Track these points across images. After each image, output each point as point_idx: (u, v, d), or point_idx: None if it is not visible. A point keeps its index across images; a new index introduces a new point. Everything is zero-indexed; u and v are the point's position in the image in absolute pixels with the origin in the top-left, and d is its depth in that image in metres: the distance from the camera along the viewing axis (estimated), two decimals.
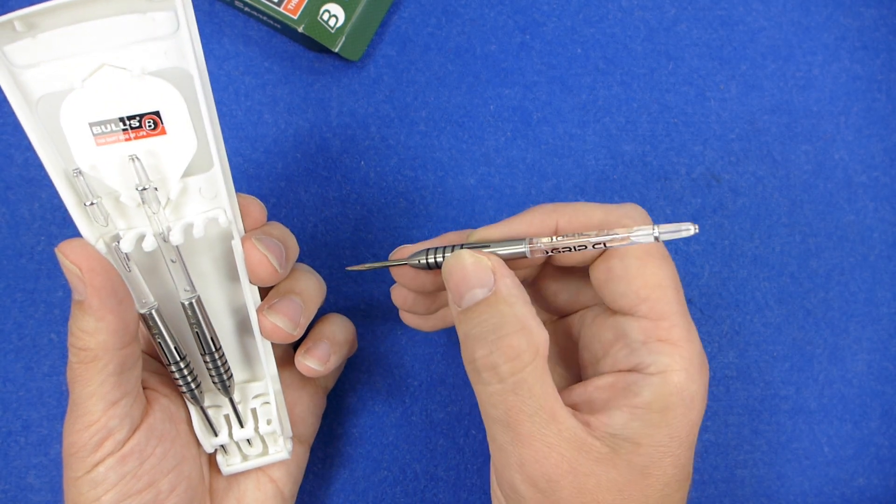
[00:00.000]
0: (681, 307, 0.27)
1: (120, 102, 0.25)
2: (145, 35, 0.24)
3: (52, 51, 0.23)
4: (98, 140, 0.25)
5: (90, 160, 0.25)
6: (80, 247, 0.25)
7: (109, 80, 0.24)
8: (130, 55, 0.24)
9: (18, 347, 0.38)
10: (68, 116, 0.24)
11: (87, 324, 0.25)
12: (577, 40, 0.42)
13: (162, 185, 0.26)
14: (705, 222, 0.42)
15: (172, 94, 0.25)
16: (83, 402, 0.26)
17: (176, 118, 0.25)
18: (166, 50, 0.24)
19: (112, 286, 0.25)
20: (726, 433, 0.40)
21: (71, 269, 0.24)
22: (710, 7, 0.43)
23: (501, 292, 0.25)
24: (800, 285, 0.42)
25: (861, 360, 0.41)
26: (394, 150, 0.41)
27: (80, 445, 0.26)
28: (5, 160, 0.39)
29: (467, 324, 0.25)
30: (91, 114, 0.24)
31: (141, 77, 0.24)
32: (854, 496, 0.41)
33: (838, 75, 0.43)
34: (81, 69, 0.24)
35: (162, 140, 0.25)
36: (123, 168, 0.25)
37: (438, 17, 0.42)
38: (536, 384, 0.24)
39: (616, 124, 0.42)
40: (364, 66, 0.41)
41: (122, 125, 0.25)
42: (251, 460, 0.32)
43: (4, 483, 0.37)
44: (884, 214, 0.42)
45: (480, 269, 0.25)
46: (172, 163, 0.26)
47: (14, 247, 0.38)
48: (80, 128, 0.24)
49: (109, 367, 0.26)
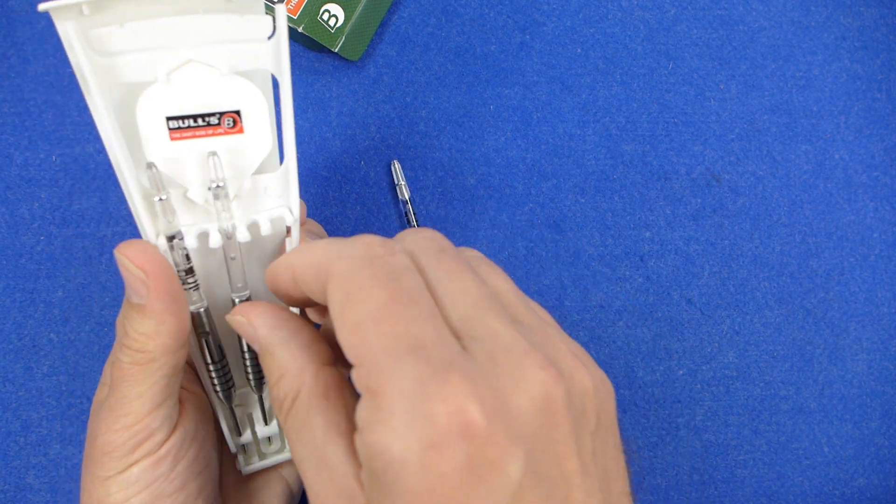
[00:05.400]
0: (383, 341, 0.20)
1: (202, 99, 0.24)
2: (238, 36, 0.24)
3: (138, 41, 0.23)
4: (173, 134, 0.24)
5: (162, 154, 0.25)
6: (143, 249, 0.24)
7: (194, 76, 0.24)
8: (219, 53, 0.24)
9: (18, 347, 0.38)
10: (146, 108, 0.24)
11: (146, 326, 0.24)
12: (577, 40, 0.42)
13: (231, 183, 0.26)
14: (705, 222, 0.42)
15: (255, 95, 0.25)
16: (129, 402, 0.25)
17: (255, 118, 0.25)
18: (257, 52, 0.25)
19: (173, 289, 0.24)
20: (726, 433, 0.40)
21: (134, 273, 0.24)
22: (710, 7, 0.43)
23: (261, 342, 0.24)
24: (800, 285, 0.42)
25: (861, 360, 0.41)
26: (394, 150, 0.41)
27: (116, 445, 0.26)
28: (5, 160, 0.39)
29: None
30: (170, 108, 0.24)
31: (227, 76, 0.25)
32: (854, 496, 0.41)
33: (838, 75, 0.43)
34: (167, 62, 0.24)
35: (239, 138, 0.25)
36: (194, 164, 0.25)
37: (438, 17, 0.42)
38: (302, 430, 0.22)
39: (616, 124, 0.42)
40: (364, 66, 0.41)
41: (202, 121, 0.25)
42: (269, 458, 0.32)
43: (4, 483, 0.37)
44: (884, 214, 0.42)
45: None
46: (246, 161, 0.26)
47: (14, 247, 0.38)
48: (156, 121, 0.24)
49: (164, 370, 0.25)
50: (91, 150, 0.39)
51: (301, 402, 0.23)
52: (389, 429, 0.18)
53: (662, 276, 0.41)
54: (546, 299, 0.40)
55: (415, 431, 0.18)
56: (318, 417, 0.22)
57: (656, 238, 0.41)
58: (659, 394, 0.40)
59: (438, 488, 0.18)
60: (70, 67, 0.24)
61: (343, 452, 0.21)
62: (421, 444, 0.18)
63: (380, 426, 0.19)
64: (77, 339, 0.38)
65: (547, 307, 0.40)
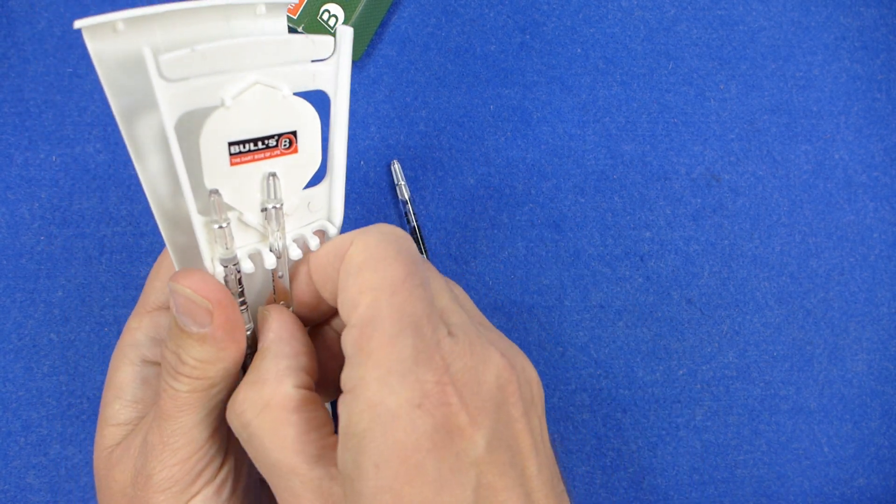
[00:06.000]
0: (393, 311, 0.22)
1: (264, 121, 0.24)
2: (301, 56, 0.24)
3: (207, 65, 0.22)
4: (234, 160, 0.24)
5: (223, 179, 0.24)
6: (203, 279, 0.24)
7: (259, 99, 0.23)
8: (282, 74, 0.24)
9: (18, 347, 0.38)
10: (211, 134, 0.23)
11: (206, 354, 0.24)
12: (577, 40, 0.42)
13: (285, 201, 0.26)
14: (705, 222, 0.42)
15: (311, 115, 0.25)
16: (187, 431, 0.25)
17: (309, 137, 0.25)
18: (315, 73, 0.25)
19: (234, 317, 0.24)
20: (726, 433, 0.40)
21: (199, 303, 0.24)
22: (710, 7, 0.43)
23: (265, 343, 0.25)
24: (800, 285, 0.42)
25: (861, 360, 0.41)
26: (394, 149, 0.41)
27: (176, 479, 0.25)
28: (5, 160, 0.39)
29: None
30: (234, 132, 0.23)
31: (288, 97, 0.24)
32: (854, 496, 0.41)
33: (838, 75, 0.43)
34: (233, 86, 0.23)
35: (293, 158, 0.25)
36: (252, 187, 0.25)
37: (438, 17, 0.42)
38: (266, 437, 0.23)
39: (616, 124, 0.42)
40: (364, 66, 0.41)
41: (262, 144, 0.24)
42: None
43: (4, 483, 0.37)
44: (884, 214, 0.42)
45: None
46: (298, 179, 0.26)
47: (14, 247, 0.38)
48: (219, 146, 0.23)
49: (223, 394, 0.25)
50: (91, 150, 0.39)
51: (271, 411, 0.24)
52: (387, 385, 0.21)
53: (662, 276, 0.41)
54: (546, 299, 0.41)
55: (407, 391, 0.21)
56: (288, 427, 0.23)
57: (656, 238, 0.41)
58: (659, 394, 0.40)
59: (420, 442, 0.21)
60: (70, 67, 0.24)
61: (314, 455, 0.23)
62: (410, 403, 0.21)
63: (377, 383, 0.21)
64: (77, 339, 0.38)
65: (547, 307, 0.41)
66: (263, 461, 0.24)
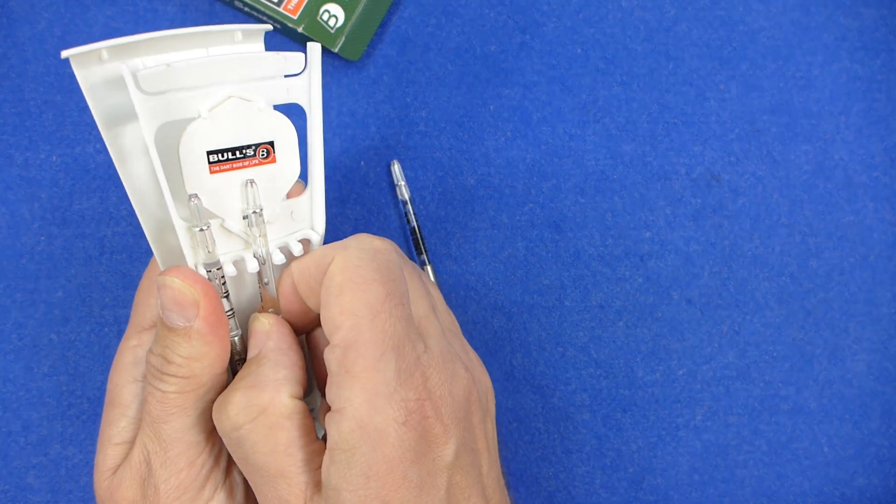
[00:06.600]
0: (375, 335, 0.24)
1: (240, 132, 0.26)
2: (274, 71, 0.26)
3: (183, 80, 0.24)
4: (213, 168, 0.26)
5: (202, 187, 0.26)
6: (189, 273, 0.25)
7: (234, 111, 0.25)
8: (257, 89, 0.26)
9: (18, 347, 0.38)
10: (189, 143, 0.25)
11: (191, 349, 0.24)
12: (577, 40, 0.42)
13: (265, 209, 0.27)
14: (705, 222, 0.42)
15: (287, 127, 0.27)
16: (183, 435, 0.25)
17: (286, 148, 0.27)
18: (289, 87, 0.26)
19: (219, 311, 0.25)
20: (726, 433, 0.40)
21: (186, 293, 0.24)
22: (710, 7, 0.43)
23: (263, 351, 0.26)
24: (800, 285, 0.42)
25: (861, 360, 0.41)
26: (394, 150, 0.41)
27: (185, 486, 0.25)
28: (5, 160, 0.39)
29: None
30: (211, 142, 0.25)
31: (263, 110, 0.26)
32: (854, 496, 0.41)
33: (838, 75, 0.43)
34: (209, 99, 0.25)
35: (271, 168, 0.27)
36: (231, 194, 0.26)
37: (438, 17, 0.42)
38: (259, 442, 0.24)
39: (616, 124, 0.42)
40: (364, 67, 0.41)
41: (240, 154, 0.26)
42: None
43: (4, 483, 0.37)
44: (884, 214, 0.42)
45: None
46: (277, 188, 0.27)
47: (14, 247, 0.38)
48: (197, 155, 0.25)
49: (210, 394, 0.25)
50: (91, 150, 0.39)
51: (266, 417, 0.24)
52: (374, 406, 0.23)
53: (662, 276, 0.41)
54: (546, 299, 0.41)
55: (393, 410, 0.23)
56: (282, 432, 0.24)
57: (656, 238, 0.41)
58: (659, 394, 0.40)
59: (405, 454, 0.23)
60: (70, 68, 0.24)
61: (305, 462, 0.24)
62: (396, 421, 0.23)
63: (365, 405, 0.23)
64: (77, 339, 0.38)
65: (547, 307, 0.41)
66: (251, 464, 0.24)
